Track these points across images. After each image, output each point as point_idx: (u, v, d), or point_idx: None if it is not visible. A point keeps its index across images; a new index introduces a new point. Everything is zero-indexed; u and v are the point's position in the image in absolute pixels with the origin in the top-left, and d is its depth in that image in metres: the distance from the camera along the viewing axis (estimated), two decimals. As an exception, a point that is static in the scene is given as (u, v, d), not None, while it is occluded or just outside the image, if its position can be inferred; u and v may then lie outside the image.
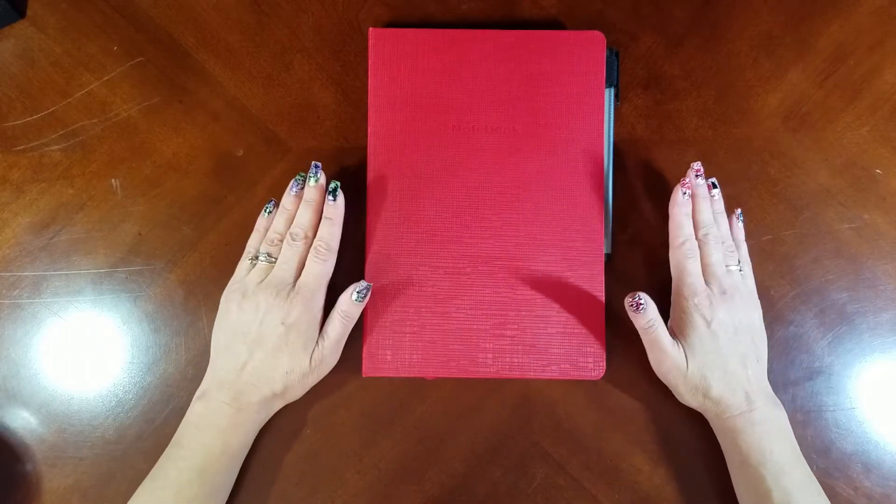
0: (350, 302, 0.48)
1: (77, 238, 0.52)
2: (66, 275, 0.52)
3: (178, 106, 0.53)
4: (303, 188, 0.50)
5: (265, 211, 0.51)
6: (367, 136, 0.52)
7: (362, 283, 0.48)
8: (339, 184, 0.49)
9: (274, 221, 0.50)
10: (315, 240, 0.48)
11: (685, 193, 0.48)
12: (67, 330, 0.52)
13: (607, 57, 0.52)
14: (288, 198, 0.50)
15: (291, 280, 0.47)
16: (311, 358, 0.47)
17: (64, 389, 0.51)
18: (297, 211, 0.49)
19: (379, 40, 0.52)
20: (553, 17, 0.54)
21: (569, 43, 0.52)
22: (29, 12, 0.54)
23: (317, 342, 0.47)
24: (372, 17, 0.54)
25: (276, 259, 0.48)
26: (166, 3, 0.54)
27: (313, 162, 0.49)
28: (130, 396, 0.51)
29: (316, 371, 0.48)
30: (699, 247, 0.48)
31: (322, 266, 0.48)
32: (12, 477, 0.50)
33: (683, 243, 0.47)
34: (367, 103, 0.52)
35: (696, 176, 0.49)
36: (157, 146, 0.53)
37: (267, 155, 0.53)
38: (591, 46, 0.52)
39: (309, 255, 0.48)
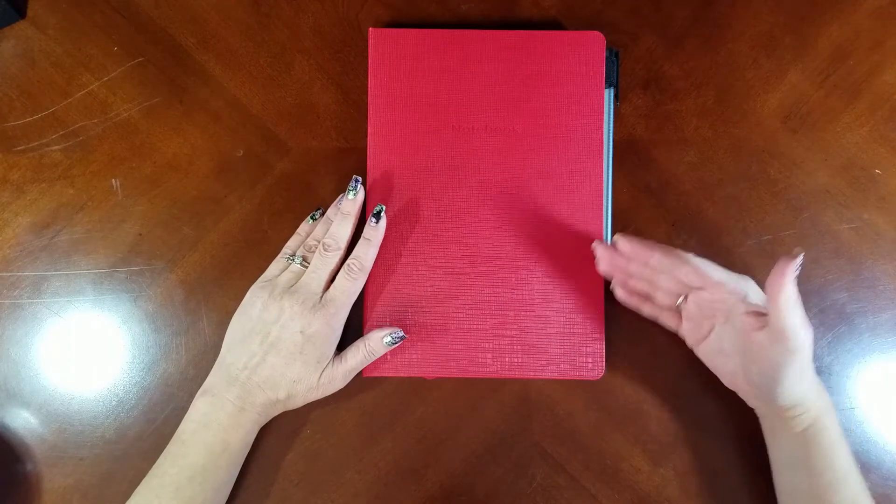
0: (380, 342, 0.48)
1: (77, 238, 0.52)
2: (67, 275, 0.52)
3: (178, 106, 0.54)
4: None
5: (310, 217, 0.52)
6: (367, 136, 0.52)
7: (399, 332, 0.49)
8: (384, 207, 0.50)
9: (316, 230, 0.51)
10: (350, 257, 0.49)
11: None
12: (68, 330, 0.52)
13: (607, 57, 0.52)
14: (333, 210, 0.51)
15: (320, 291, 0.48)
16: (321, 374, 0.47)
17: (64, 389, 0.51)
18: None
19: (379, 40, 0.52)
20: (553, 18, 0.54)
21: (568, 43, 0.52)
22: (29, 12, 0.54)
23: (331, 361, 0.48)
24: (372, 17, 0.54)
25: (309, 265, 0.49)
26: (167, 3, 0.54)
27: (354, 176, 0.50)
28: (131, 396, 0.51)
29: (321, 389, 0.48)
30: None
31: (352, 284, 0.48)
32: (12, 477, 0.50)
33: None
34: (367, 103, 0.52)
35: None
36: (157, 146, 0.53)
37: (267, 155, 0.53)
38: (590, 47, 0.52)
39: (341, 270, 0.48)
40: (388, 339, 0.49)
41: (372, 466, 0.51)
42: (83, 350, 0.52)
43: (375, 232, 0.49)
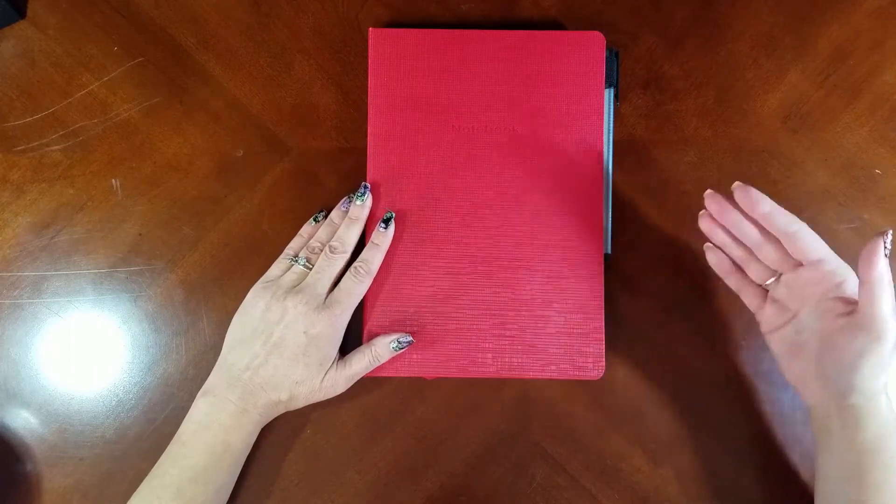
0: (387, 348, 0.49)
1: (77, 238, 0.52)
2: (67, 275, 0.52)
3: (178, 106, 0.54)
4: None
5: (313, 219, 0.52)
6: (367, 136, 0.52)
7: (406, 337, 0.49)
8: (393, 214, 0.50)
9: (319, 231, 0.51)
10: (357, 259, 0.49)
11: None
12: (68, 330, 0.52)
13: (607, 57, 0.52)
14: (337, 213, 0.51)
15: (324, 292, 0.48)
16: (323, 377, 0.47)
17: (64, 389, 0.51)
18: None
19: (379, 40, 0.52)
20: (553, 18, 0.54)
21: (568, 43, 0.52)
22: (29, 12, 0.54)
23: (334, 364, 0.48)
24: (372, 17, 0.54)
25: (313, 267, 0.49)
26: (167, 3, 0.54)
27: (363, 182, 0.50)
28: (131, 396, 0.51)
29: (323, 391, 0.48)
30: None
31: (357, 286, 0.48)
32: (12, 477, 0.50)
33: None
34: (367, 103, 0.52)
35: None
36: (157, 146, 0.53)
37: (267, 155, 0.53)
38: (590, 47, 0.52)
39: (348, 272, 0.48)
40: (395, 344, 0.49)
41: (372, 466, 0.51)
42: (83, 350, 0.52)
43: (384, 237, 0.50)
